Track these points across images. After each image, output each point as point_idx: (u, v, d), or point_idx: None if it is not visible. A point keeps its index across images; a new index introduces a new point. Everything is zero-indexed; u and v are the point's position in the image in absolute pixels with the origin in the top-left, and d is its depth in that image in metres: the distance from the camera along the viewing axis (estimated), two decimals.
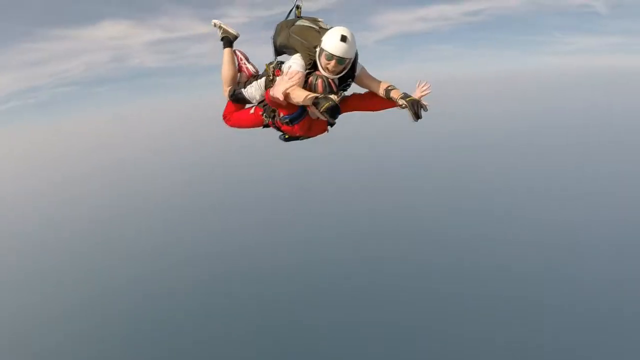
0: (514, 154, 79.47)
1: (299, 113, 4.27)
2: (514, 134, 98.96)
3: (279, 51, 4.58)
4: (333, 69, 3.99)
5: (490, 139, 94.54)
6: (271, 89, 4.11)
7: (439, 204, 54.89)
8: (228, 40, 5.23)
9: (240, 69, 5.18)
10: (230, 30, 5.24)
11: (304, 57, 4.14)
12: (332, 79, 4.04)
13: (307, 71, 4.10)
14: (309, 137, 4.69)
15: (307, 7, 4.68)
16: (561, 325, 30.57)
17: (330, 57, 3.92)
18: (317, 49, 4.03)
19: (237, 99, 4.92)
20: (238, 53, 5.23)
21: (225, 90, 5.04)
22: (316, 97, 3.70)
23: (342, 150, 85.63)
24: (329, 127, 4.63)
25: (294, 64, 4.11)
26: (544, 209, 51.06)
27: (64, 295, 40.96)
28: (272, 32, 4.63)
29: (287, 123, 4.37)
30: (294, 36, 4.27)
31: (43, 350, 32.95)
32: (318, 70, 4.09)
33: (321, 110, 3.60)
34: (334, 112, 3.60)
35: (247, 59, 5.21)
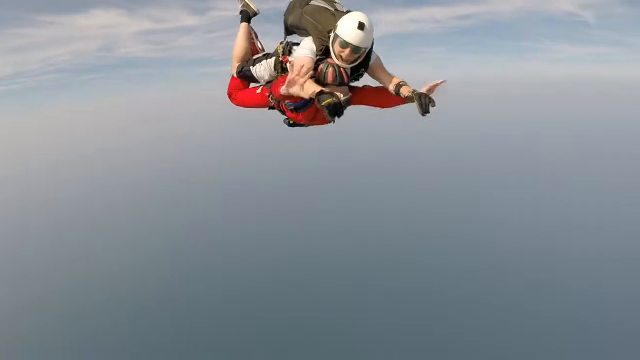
0: (496, 159, 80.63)
1: (304, 101, 4.04)
2: (499, 138, 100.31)
3: (289, 30, 4.29)
4: (347, 58, 3.73)
5: (473, 142, 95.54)
6: (281, 86, 3.79)
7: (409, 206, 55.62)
8: (247, 15, 4.93)
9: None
10: (252, 5, 4.95)
11: (315, 42, 3.87)
12: (344, 68, 3.77)
13: (318, 57, 3.83)
14: (314, 125, 4.50)
15: None
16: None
17: (345, 44, 3.65)
18: (331, 34, 3.76)
19: (245, 76, 4.67)
20: (251, 30, 4.95)
21: (235, 66, 4.75)
22: (321, 91, 3.42)
23: (339, 145, 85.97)
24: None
25: (304, 49, 3.87)
26: (522, 215, 52.10)
27: (39, 285, 40.43)
28: (266, 25, 4.59)
29: (292, 110, 4.22)
30: (307, 17, 3.98)
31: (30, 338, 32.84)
32: (330, 57, 3.82)
33: (321, 105, 3.33)
34: (335, 110, 3.30)
35: (256, 37, 4.96)
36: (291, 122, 4.49)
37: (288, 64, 4.15)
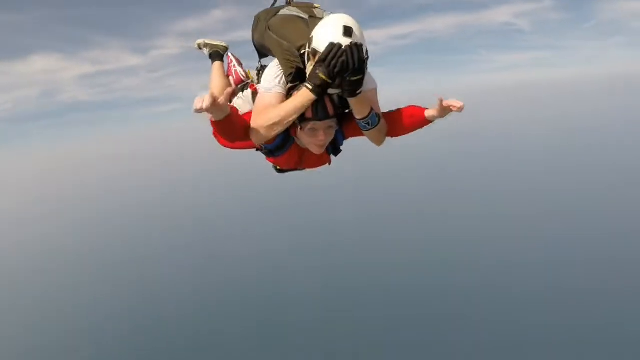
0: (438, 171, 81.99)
1: (280, 140, 2.97)
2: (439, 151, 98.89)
3: (260, 52, 3.46)
4: None
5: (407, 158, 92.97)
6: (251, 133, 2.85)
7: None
8: (218, 54, 4.28)
9: (228, 74, 4.08)
10: (219, 43, 4.35)
11: (283, 66, 2.87)
12: (329, 96, 2.73)
13: (290, 85, 2.83)
14: (306, 169, 3.52)
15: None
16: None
17: None
18: (305, 51, 2.71)
19: None
20: (230, 56, 4.09)
21: None
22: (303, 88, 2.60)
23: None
24: (331, 156, 3.34)
25: (267, 83, 2.88)
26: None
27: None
28: (204, 63, 3.89)
29: (266, 153, 3.14)
30: (270, 34, 3.06)
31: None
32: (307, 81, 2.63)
33: (318, 87, 2.51)
34: (354, 61, 2.40)
35: (240, 64, 4.04)
36: (278, 167, 3.47)
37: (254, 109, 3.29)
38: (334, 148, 3.26)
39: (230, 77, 4.02)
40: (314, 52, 2.60)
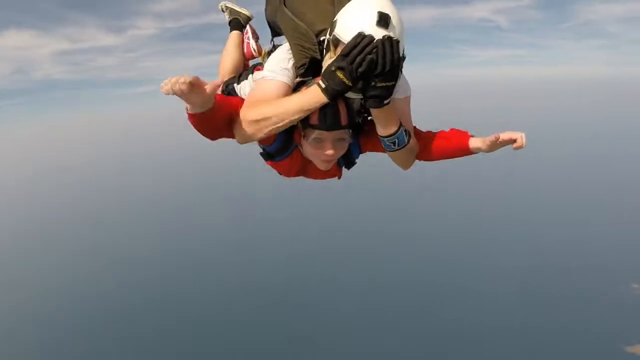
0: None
1: (280, 143, 2.40)
2: None
3: (273, 28, 2.83)
4: None
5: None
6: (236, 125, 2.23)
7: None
8: (238, 23, 3.65)
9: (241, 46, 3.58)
10: (242, 11, 3.71)
11: (295, 53, 2.30)
12: (344, 100, 2.13)
13: (299, 80, 2.27)
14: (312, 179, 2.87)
15: None
16: None
17: None
18: (326, 38, 2.13)
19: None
20: (248, 27, 3.59)
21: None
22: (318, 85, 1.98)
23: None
24: (342, 168, 2.72)
25: (271, 67, 2.31)
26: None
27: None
28: (180, 44, 3.38)
29: (265, 156, 2.57)
30: (285, 10, 2.46)
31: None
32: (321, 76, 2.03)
33: (333, 89, 1.93)
34: (385, 61, 1.85)
35: (256, 37, 3.53)
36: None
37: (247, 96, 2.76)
38: (347, 162, 2.64)
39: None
40: (336, 42, 2.03)
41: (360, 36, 1.85)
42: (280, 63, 2.29)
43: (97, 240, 54.26)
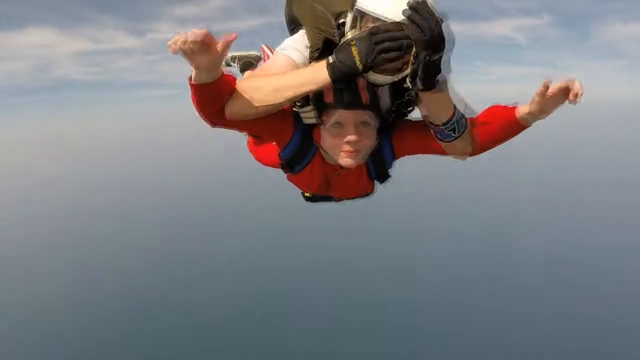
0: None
1: (296, 145, 2.15)
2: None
3: (290, 27, 2.52)
4: None
5: None
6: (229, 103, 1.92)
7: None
8: (251, 65, 3.63)
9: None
10: (250, 53, 3.66)
11: (310, 37, 2.09)
12: (370, 81, 1.84)
13: (314, 56, 2.07)
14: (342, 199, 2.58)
15: None
16: None
17: None
18: (348, 17, 1.91)
19: None
20: (265, 48, 3.34)
21: None
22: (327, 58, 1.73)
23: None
24: (376, 182, 2.38)
25: (281, 48, 2.17)
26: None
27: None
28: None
29: (283, 167, 2.28)
30: None
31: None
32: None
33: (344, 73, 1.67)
34: (436, 33, 1.53)
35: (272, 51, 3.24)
36: (306, 194, 2.58)
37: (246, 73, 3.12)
38: (380, 172, 2.26)
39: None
40: (361, 15, 1.79)
41: (391, 10, 1.63)
42: (294, 43, 2.13)
43: (101, 235, 55.13)
